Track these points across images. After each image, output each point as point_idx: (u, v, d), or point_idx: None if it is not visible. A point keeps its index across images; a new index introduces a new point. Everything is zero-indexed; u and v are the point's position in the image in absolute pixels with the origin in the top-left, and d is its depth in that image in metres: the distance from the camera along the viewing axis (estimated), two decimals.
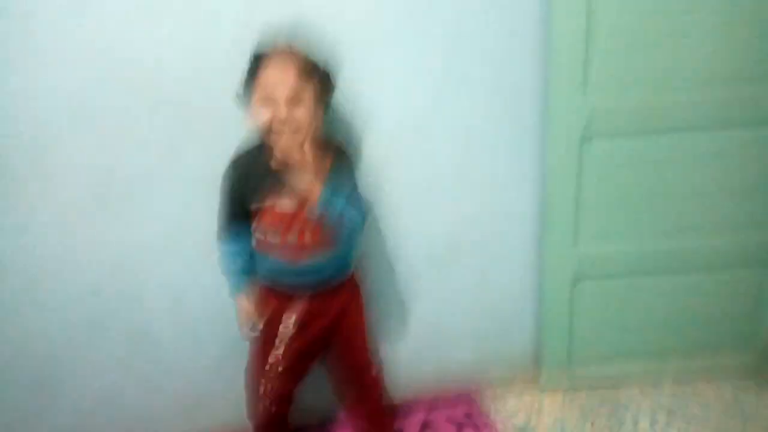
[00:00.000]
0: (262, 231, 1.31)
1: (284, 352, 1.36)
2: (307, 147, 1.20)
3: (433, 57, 1.38)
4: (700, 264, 1.53)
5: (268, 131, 1.21)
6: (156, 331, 1.54)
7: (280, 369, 1.36)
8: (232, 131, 1.31)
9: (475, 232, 1.54)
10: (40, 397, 1.56)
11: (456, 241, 1.54)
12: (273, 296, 1.37)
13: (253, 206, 1.29)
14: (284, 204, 1.26)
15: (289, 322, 1.35)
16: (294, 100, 1.18)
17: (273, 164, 1.24)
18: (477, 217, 1.52)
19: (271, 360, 1.36)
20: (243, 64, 1.22)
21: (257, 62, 1.21)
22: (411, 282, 1.57)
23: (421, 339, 1.64)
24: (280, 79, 1.18)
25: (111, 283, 1.47)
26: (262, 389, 1.39)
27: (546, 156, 1.43)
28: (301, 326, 1.36)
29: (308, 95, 1.20)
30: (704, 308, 1.58)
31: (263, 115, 1.19)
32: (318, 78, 1.22)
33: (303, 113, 1.20)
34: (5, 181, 1.37)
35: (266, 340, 1.38)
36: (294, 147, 1.20)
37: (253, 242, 1.34)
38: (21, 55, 1.29)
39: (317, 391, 1.50)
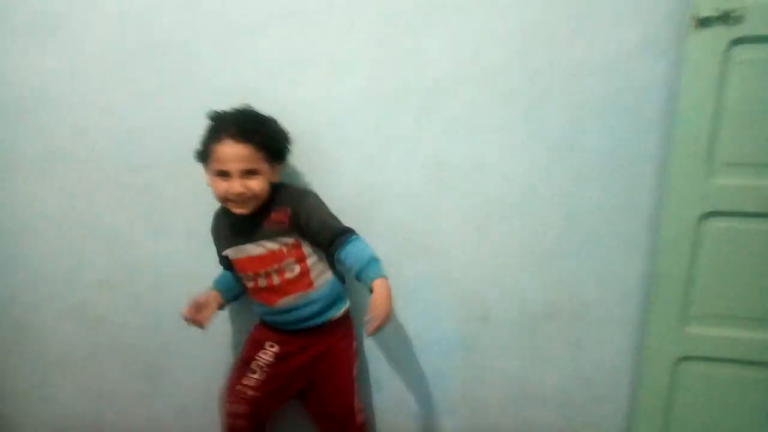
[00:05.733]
0: (238, 276, 1.41)
1: (259, 378, 1.39)
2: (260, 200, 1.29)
3: (550, 121, 1.40)
4: None
5: (224, 200, 1.29)
6: None
7: (249, 393, 1.39)
8: None
9: (575, 298, 1.51)
10: (150, 381, 1.76)
11: (554, 306, 1.53)
12: (262, 326, 1.48)
13: (224, 253, 1.40)
14: (249, 250, 1.34)
15: (269, 350, 1.40)
16: (248, 173, 1.25)
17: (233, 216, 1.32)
18: (578, 284, 1.50)
19: (244, 381, 1.40)
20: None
21: (213, 132, 1.27)
22: (501, 337, 1.57)
23: (506, 395, 1.62)
24: (233, 154, 1.23)
25: None
26: (227, 407, 1.41)
27: (660, 230, 1.39)
28: (280, 357, 1.40)
29: (262, 165, 1.27)
30: None
31: (218, 187, 1.27)
32: (271, 143, 1.29)
33: (257, 183, 1.27)
34: (157, 189, 1.58)
35: (245, 360, 1.43)
36: (248, 208, 1.29)
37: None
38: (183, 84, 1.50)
39: None
